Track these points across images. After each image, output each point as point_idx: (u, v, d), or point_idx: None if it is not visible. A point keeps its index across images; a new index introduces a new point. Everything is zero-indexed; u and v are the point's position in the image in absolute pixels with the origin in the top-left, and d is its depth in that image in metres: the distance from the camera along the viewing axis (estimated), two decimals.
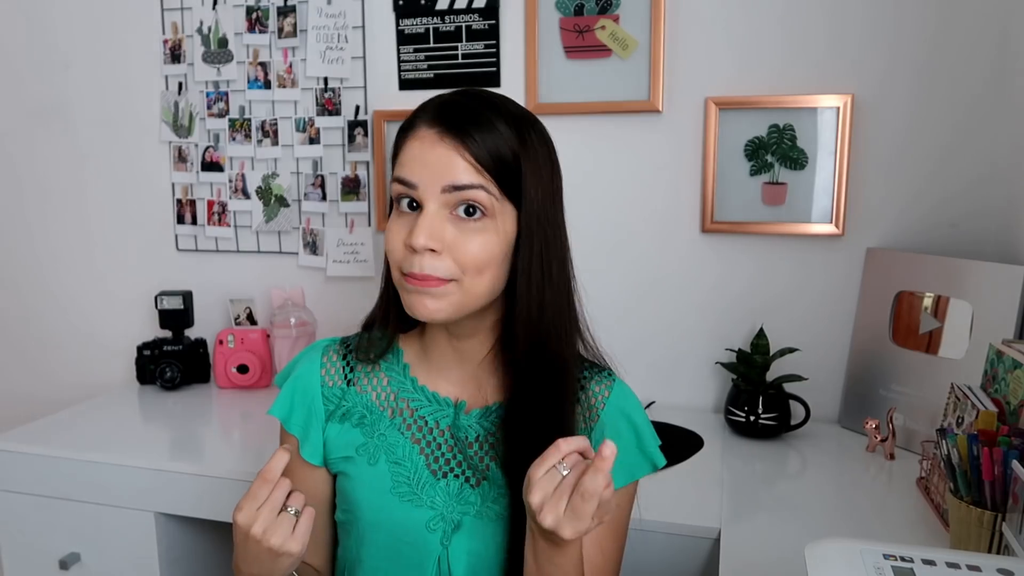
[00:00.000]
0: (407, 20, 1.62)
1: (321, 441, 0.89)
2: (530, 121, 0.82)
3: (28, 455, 1.38)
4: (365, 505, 0.86)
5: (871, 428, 1.33)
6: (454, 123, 0.77)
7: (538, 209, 0.79)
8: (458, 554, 0.84)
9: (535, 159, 0.79)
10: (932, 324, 1.34)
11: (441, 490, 0.85)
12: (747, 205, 1.49)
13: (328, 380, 0.90)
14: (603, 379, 0.89)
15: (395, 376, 0.89)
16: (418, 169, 0.77)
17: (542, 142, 0.82)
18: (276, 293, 1.75)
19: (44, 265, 1.95)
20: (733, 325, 1.53)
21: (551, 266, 0.81)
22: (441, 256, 0.76)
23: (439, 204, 0.76)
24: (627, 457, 0.86)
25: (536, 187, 0.79)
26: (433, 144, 0.76)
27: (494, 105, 0.80)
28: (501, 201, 0.77)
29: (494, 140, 0.77)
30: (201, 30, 1.73)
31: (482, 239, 0.77)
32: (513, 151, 0.77)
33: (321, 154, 1.71)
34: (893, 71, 1.40)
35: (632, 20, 1.50)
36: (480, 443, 0.86)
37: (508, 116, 0.79)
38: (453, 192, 0.76)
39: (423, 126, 0.78)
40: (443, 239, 0.76)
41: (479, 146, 0.76)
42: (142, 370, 1.73)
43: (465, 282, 0.77)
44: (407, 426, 0.87)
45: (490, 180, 0.76)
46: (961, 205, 1.40)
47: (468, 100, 0.80)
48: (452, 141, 0.76)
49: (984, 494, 0.90)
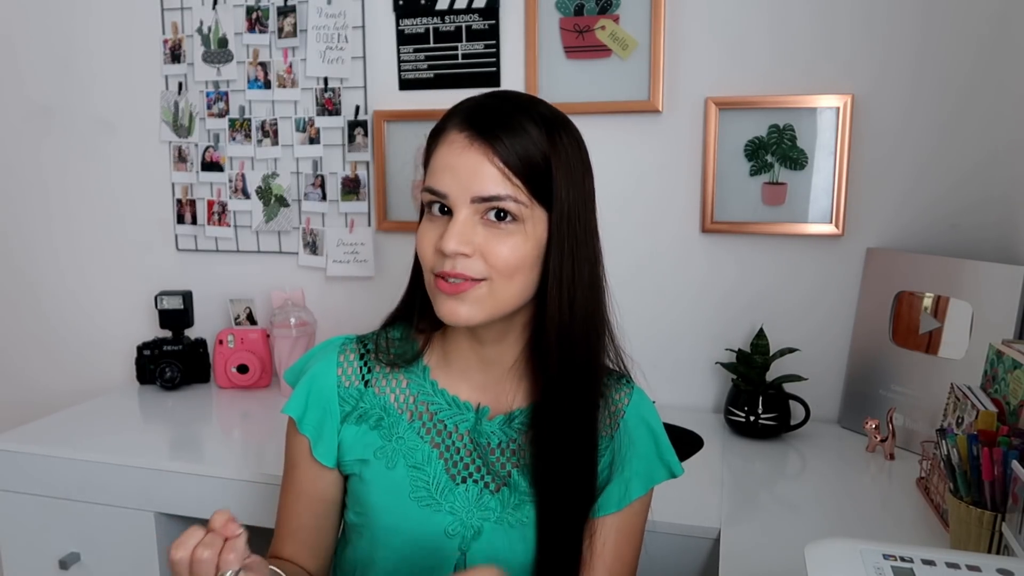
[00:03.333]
0: (407, 20, 1.62)
1: (335, 443, 0.87)
2: (561, 122, 0.80)
3: (28, 455, 1.38)
4: (382, 509, 0.85)
5: (871, 428, 1.33)
6: (483, 127, 0.76)
7: (569, 211, 0.78)
8: (477, 561, 0.82)
9: (566, 161, 0.78)
10: (932, 324, 1.34)
11: (460, 495, 0.84)
12: (747, 205, 1.49)
13: (345, 380, 0.87)
14: (623, 386, 0.89)
15: (415, 378, 0.88)
16: (448, 178, 0.76)
17: (573, 143, 0.80)
18: (276, 293, 1.75)
19: (44, 265, 1.95)
20: (733, 325, 1.53)
21: (583, 269, 0.80)
22: (472, 258, 0.76)
23: (469, 211, 0.76)
24: (646, 464, 0.87)
25: (567, 189, 0.78)
26: (463, 149, 0.76)
27: (524, 107, 0.79)
28: (531, 206, 0.76)
29: (523, 144, 0.76)
30: (201, 30, 1.73)
31: (512, 242, 0.76)
32: (543, 154, 0.76)
33: (321, 154, 1.70)
34: (892, 72, 1.40)
35: (632, 20, 1.50)
36: (502, 449, 0.85)
37: (538, 118, 0.78)
38: (482, 203, 0.75)
39: (453, 130, 0.77)
40: (473, 243, 0.76)
41: (508, 151, 0.75)
42: (142, 370, 1.73)
43: (496, 285, 0.77)
44: (426, 430, 0.86)
45: (519, 187, 0.75)
46: (961, 205, 1.40)
47: (498, 103, 0.79)
48: (481, 146, 0.75)
49: (984, 494, 0.90)
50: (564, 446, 0.78)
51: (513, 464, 0.85)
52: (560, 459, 0.75)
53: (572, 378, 0.81)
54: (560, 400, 0.81)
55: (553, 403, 0.82)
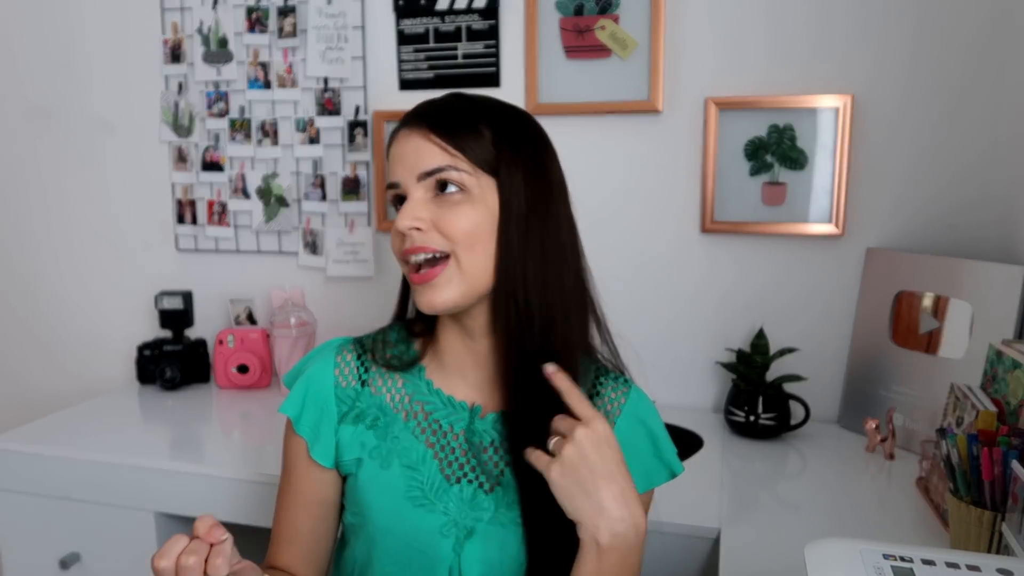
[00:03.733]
0: (407, 20, 1.62)
1: (333, 443, 0.86)
2: (504, 104, 0.84)
3: (28, 455, 1.38)
4: (377, 509, 0.84)
5: (871, 428, 1.33)
6: (422, 115, 0.81)
7: (521, 180, 0.79)
8: (471, 561, 0.82)
9: (508, 130, 0.81)
10: (932, 324, 1.34)
11: (454, 496, 0.84)
12: (747, 205, 1.49)
13: (342, 380, 0.88)
14: (619, 385, 0.88)
15: (410, 378, 0.88)
16: (398, 168, 0.81)
17: (517, 116, 0.84)
18: (276, 293, 1.75)
19: (44, 265, 1.95)
20: (733, 325, 1.53)
21: (538, 240, 0.79)
22: (427, 232, 0.78)
23: (419, 191, 0.79)
24: (644, 464, 0.85)
25: (514, 157, 0.80)
26: (406, 139, 0.80)
27: (464, 96, 0.84)
28: (475, 175, 0.78)
29: (459, 117, 0.80)
30: (201, 30, 1.73)
31: (462, 210, 0.78)
32: (482, 122, 0.80)
33: (321, 154, 1.71)
34: (892, 72, 1.40)
35: (632, 20, 1.50)
36: (495, 448, 0.85)
37: (478, 99, 0.83)
38: (427, 178, 0.79)
39: (402, 128, 0.82)
40: (424, 218, 0.78)
41: (443, 125, 0.79)
42: (142, 370, 1.73)
43: (461, 258, 0.78)
44: (421, 430, 0.86)
45: (458, 155, 0.78)
46: (961, 205, 1.40)
47: (439, 98, 0.84)
48: (420, 129, 0.80)
49: (984, 494, 0.90)
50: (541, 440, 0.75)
51: (506, 463, 0.84)
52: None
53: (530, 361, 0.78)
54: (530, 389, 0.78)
55: (523, 393, 0.80)
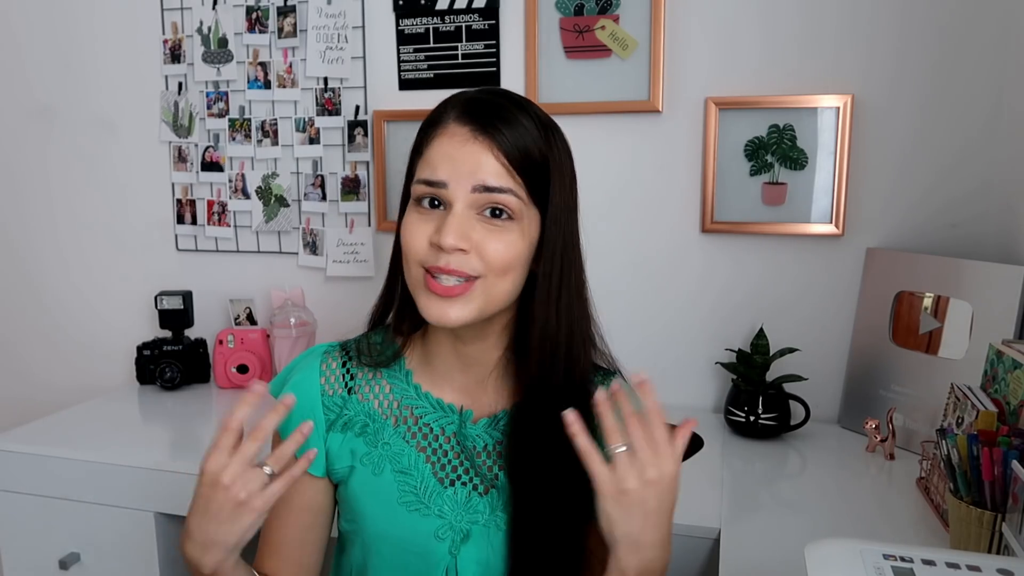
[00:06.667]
0: (407, 20, 1.62)
1: (323, 451, 0.86)
2: (554, 126, 0.81)
3: (28, 455, 1.38)
4: (371, 516, 0.84)
5: (871, 428, 1.33)
6: (485, 120, 0.75)
7: (560, 214, 0.79)
8: (467, 564, 0.82)
9: (559, 163, 0.79)
10: (932, 324, 1.34)
11: (449, 498, 0.84)
12: (747, 205, 1.49)
13: (328, 388, 0.86)
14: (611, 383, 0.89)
15: (397, 383, 0.87)
16: (448, 168, 0.75)
17: (565, 148, 0.81)
18: (276, 293, 1.75)
19: (44, 264, 1.95)
20: (733, 325, 1.53)
21: (570, 273, 0.80)
22: (469, 255, 0.75)
23: (466, 204, 0.75)
24: None
25: (560, 191, 0.78)
26: (464, 141, 0.75)
27: (521, 105, 0.79)
28: (528, 205, 0.77)
29: (524, 140, 0.76)
30: (201, 30, 1.73)
31: (509, 239, 0.76)
32: (541, 152, 0.77)
33: (321, 154, 1.70)
34: (893, 71, 1.40)
35: (632, 20, 1.50)
36: (488, 452, 0.85)
37: (535, 117, 0.78)
38: (483, 193, 0.74)
39: (452, 123, 0.76)
40: (471, 238, 0.75)
41: (510, 145, 0.75)
42: (142, 370, 1.73)
43: (488, 282, 0.76)
44: (411, 434, 0.86)
45: (519, 183, 0.75)
46: (961, 205, 1.40)
47: (496, 98, 0.79)
48: (484, 139, 0.75)
49: (984, 494, 0.90)
50: (544, 448, 0.77)
51: (500, 467, 0.84)
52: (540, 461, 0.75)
53: (552, 381, 0.80)
54: (540, 403, 0.80)
55: (533, 406, 0.81)
